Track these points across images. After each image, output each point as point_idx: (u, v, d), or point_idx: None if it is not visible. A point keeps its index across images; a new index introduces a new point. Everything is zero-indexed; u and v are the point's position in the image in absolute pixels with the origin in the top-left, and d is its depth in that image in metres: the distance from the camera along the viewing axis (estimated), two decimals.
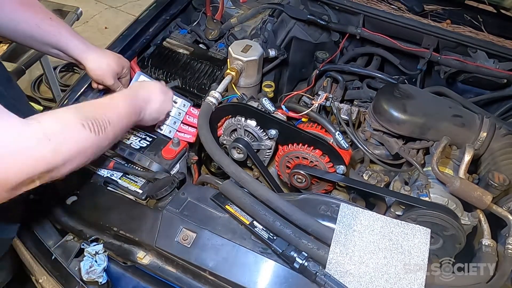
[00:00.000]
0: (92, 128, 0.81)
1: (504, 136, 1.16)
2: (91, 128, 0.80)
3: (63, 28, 1.07)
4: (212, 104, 1.15)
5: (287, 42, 1.59)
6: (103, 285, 0.98)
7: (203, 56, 1.47)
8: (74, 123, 0.78)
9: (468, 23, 1.59)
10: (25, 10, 1.01)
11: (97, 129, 0.82)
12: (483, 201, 0.94)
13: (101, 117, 0.84)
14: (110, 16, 4.03)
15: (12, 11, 1.00)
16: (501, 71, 1.42)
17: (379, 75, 1.51)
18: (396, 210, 1.01)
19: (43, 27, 1.04)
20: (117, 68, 1.15)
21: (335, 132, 1.13)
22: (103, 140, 0.84)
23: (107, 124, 0.85)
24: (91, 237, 1.03)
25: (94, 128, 0.81)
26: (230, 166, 1.00)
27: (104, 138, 0.84)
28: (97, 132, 0.82)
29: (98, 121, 0.83)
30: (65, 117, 0.79)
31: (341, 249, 0.87)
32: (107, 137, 0.86)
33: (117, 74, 1.17)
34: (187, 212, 0.99)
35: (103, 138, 0.84)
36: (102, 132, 0.83)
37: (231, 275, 0.90)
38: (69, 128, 0.77)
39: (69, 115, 0.80)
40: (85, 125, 0.79)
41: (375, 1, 1.63)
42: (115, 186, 1.09)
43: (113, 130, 0.87)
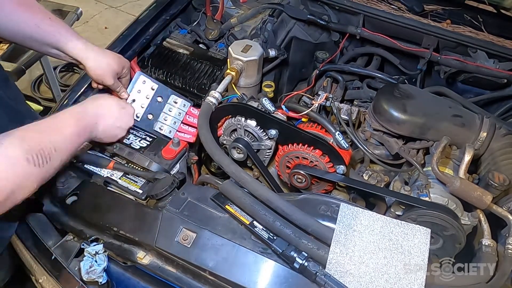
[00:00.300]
0: (37, 161, 0.79)
1: (504, 136, 1.16)
2: (35, 161, 0.79)
3: (62, 28, 1.06)
4: (212, 104, 1.15)
5: (287, 42, 1.59)
6: (103, 285, 0.98)
7: (203, 56, 1.47)
8: (18, 159, 0.77)
9: (468, 23, 1.59)
10: (24, 10, 1.01)
11: (42, 161, 0.80)
12: (483, 201, 0.94)
13: (46, 146, 0.83)
14: (110, 16, 4.03)
15: (11, 11, 0.99)
16: (501, 71, 1.42)
17: (379, 75, 1.51)
18: (396, 210, 1.01)
19: (43, 27, 1.03)
20: (117, 68, 1.14)
21: (335, 132, 1.13)
22: (47, 170, 0.83)
23: (53, 151, 0.83)
24: (91, 237, 1.03)
25: (39, 161, 0.80)
26: (230, 166, 1.00)
27: (49, 167, 0.83)
28: (42, 164, 0.80)
29: (43, 151, 0.81)
30: (9, 153, 0.76)
31: (341, 249, 0.87)
32: (52, 166, 0.84)
33: (117, 74, 1.16)
34: (187, 212, 0.99)
35: (47, 168, 0.83)
36: (47, 163, 0.82)
37: (231, 275, 0.90)
38: (13, 166, 0.76)
39: (14, 150, 0.77)
40: (29, 159, 0.78)
41: (375, 1, 1.63)
42: (115, 186, 1.09)
43: (59, 156, 0.86)
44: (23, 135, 0.81)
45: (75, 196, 1.08)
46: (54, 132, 0.88)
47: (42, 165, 0.81)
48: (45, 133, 0.86)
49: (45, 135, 0.85)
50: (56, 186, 1.08)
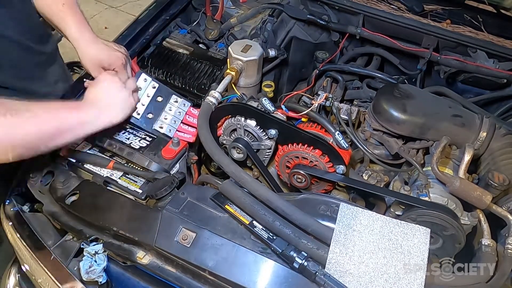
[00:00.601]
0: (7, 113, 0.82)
1: (504, 136, 1.16)
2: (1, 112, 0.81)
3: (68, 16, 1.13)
4: (212, 104, 1.15)
5: (287, 42, 1.59)
6: (103, 285, 0.98)
7: (203, 56, 1.47)
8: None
9: (468, 23, 1.60)
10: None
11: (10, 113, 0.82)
12: (483, 201, 0.94)
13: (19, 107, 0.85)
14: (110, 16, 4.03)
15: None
16: (501, 71, 1.42)
17: (379, 75, 1.50)
18: (396, 210, 1.01)
19: (53, 9, 1.13)
20: (104, 62, 1.15)
21: (335, 132, 1.13)
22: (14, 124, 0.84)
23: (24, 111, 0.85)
24: (91, 236, 1.03)
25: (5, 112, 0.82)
26: (229, 166, 1.00)
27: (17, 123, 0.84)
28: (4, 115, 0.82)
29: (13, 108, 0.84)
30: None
31: (341, 249, 0.87)
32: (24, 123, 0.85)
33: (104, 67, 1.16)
34: (187, 212, 0.99)
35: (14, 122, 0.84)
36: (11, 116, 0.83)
37: (230, 275, 0.90)
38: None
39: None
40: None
41: (375, 1, 1.63)
42: (114, 186, 1.09)
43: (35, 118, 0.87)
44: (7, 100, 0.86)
45: (75, 196, 1.08)
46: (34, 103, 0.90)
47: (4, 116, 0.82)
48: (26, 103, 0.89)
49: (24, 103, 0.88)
50: (56, 186, 1.08)
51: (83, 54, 1.14)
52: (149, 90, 1.23)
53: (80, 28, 1.13)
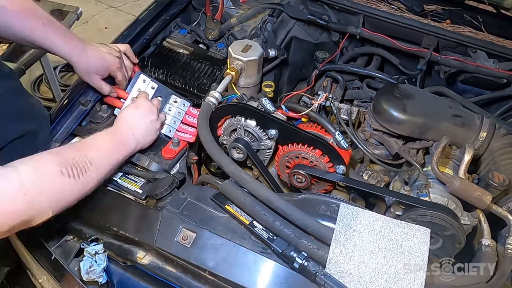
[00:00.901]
0: (72, 173, 0.81)
1: (504, 136, 1.16)
2: (70, 174, 0.81)
3: (52, 34, 1.09)
4: (212, 104, 1.15)
5: (287, 42, 1.59)
6: (103, 285, 0.98)
7: (203, 56, 1.47)
8: (52, 171, 0.78)
9: (468, 23, 1.59)
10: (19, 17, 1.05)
11: (77, 173, 0.82)
12: (483, 201, 0.94)
13: (82, 159, 0.84)
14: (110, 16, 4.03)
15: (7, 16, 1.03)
16: (501, 71, 1.42)
17: (379, 75, 1.50)
18: (396, 210, 1.01)
19: (36, 33, 1.07)
20: (99, 70, 1.16)
21: (335, 132, 1.13)
22: (84, 183, 0.85)
23: (88, 165, 0.85)
24: (91, 237, 1.03)
25: (74, 173, 0.81)
26: (230, 166, 1.00)
27: (86, 180, 0.85)
28: (77, 176, 0.82)
29: (78, 164, 0.83)
30: (43, 166, 0.78)
31: (341, 249, 0.87)
32: (90, 179, 0.86)
33: (101, 75, 1.18)
34: (187, 212, 0.99)
35: (84, 181, 0.84)
36: (82, 175, 0.83)
37: (231, 275, 0.90)
38: (47, 178, 0.77)
39: (48, 163, 0.79)
40: (63, 171, 0.79)
41: (375, 1, 1.63)
42: (115, 186, 1.09)
43: (96, 170, 0.88)
44: (57, 151, 0.86)
45: None
46: (89, 149, 0.90)
47: (77, 177, 0.82)
48: (80, 149, 0.89)
49: (79, 151, 0.87)
50: None
51: (77, 67, 1.15)
52: (148, 91, 1.23)
53: (67, 43, 1.11)
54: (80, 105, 1.25)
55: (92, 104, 1.26)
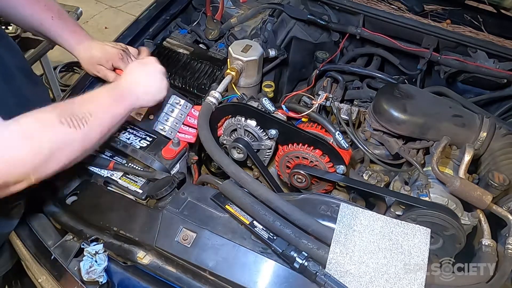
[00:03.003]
0: (71, 123, 0.81)
1: (504, 136, 1.16)
2: (70, 123, 0.80)
3: (61, 28, 1.14)
4: (212, 104, 1.15)
5: (287, 42, 1.59)
6: (103, 285, 0.98)
7: (203, 56, 1.47)
8: (52, 120, 0.79)
9: (468, 23, 1.60)
10: (30, 7, 1.09)
11: (77, 123, 0.82)
12: (483, 201, 0.94)
13: (80, 111, 0.84)
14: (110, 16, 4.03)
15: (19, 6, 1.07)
16: (501, 71, 1.42)
17: (379, 75, 1.50)
18: (396, 210, 1.01)
19: (45, 25, 1.12)
20: (101, 60, 1.19)
21: (335, 132, 1.12)
22: (87, 133, 0.84)
23: (88, 116, 0.84)
24: (91, 237, 1.03)
25: (74, 123, 0.81)
26: (230, 166, 1.00)
27: (88, 131, 0.84)
28: (78, 126, 0.82)
29: (77, 115, 0.83)
30: (43, 116, 0.79)
31: (341, 249, 0.87)
32: (92, 129, 0.86)
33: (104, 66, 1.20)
34: (187, 212, 0.99)
35: (86, 131, 0.84)
36: (83, 125, 0.83)
37: (231, 275, 0.90)
38: (47, 126, 0.78)
39: (47, 114, 0.80)
40: (63, 121, 0.80)
41: (375, 1, 1.63)
42: (115, 186, 1.09)
43: (97, 121, 0.88)
44: (55, 105, 0.85)
45: (75, 196, 1.08)
46: (88, 102, 0.90)
47: (78, 127, 0.81)
48: (79, 103, 0.88)
49: (78, 105, 0.87)
50: (56, 186, 1.08)
51: (83, 59, 1.19)
52: None
53: (75, 38, 1.16)
54: None
55: None
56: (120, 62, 1.20)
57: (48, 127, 0.78)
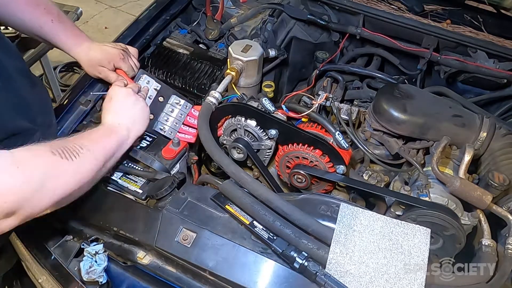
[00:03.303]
0: (63, 154, 0.80)
1: (504, 136, 1.16)
2: (62, 155, 0.80)
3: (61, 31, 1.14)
4: (212, 104, 1.15)
5: (287, 42, 1.59)
6: (103, 285, 0.98)
7: (203, 56, 1.47)
8: (43, 150, 0.78)
9: (468, 23, 1.60)
10: (29, 11, 1.08)
11: (68, 155, 0.81)
12: (483, 201, 0.94)
13: (72, 144, 0.84)
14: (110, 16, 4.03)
15: (18, 10, 1.07)
16: (501, 71, 1.42)
17: (379, 75, 1.50)
18: (396, 210, 1.01)
19: (45, 29, 1.11)
20: (102, 61, 1.19)
21: (335, 132, 1.12)
22: (79, 165, 0.83)
23: (79, 149, 0.84)
24: (91, 237, 1.03)
25: (66, 155, 0.80)
26: (230, 166, 1.00)
27: (80, 163, 0.83)
28: (70, 157, 0.81)
29: (69, 148, 0.82)
30: (34, 147, 0.78)
31: (341, 249, 0.87)
32: (84, 161, 0.85)
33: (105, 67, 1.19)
34: (187, 212, 0.99)
35: (78, 163, 0.83)
36: (75, 157, 0.82)
37: (231, 275, 0.90)
38: (38, 155, 0.77)
39: (39, 146, 0.79)
40: (54, 152, 0.79)
41: (375, 1, 1.63)
42: (115, 186, 1.09)
43: (89, 153, 0.86)
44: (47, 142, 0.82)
45: None
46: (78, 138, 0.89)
47: (70, 159, 0.81)
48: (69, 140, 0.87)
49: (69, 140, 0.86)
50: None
51: (83, 61, 1.19)
52: (151, 92, 1.23)
53: (75, 40, 1.16)
54: (80, 105, 1.25)
55: (92, 104, 1.26)
56: (121, 62, 1.20)
57: (40, 156, 0.77)
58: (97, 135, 0.95)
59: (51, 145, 0.81)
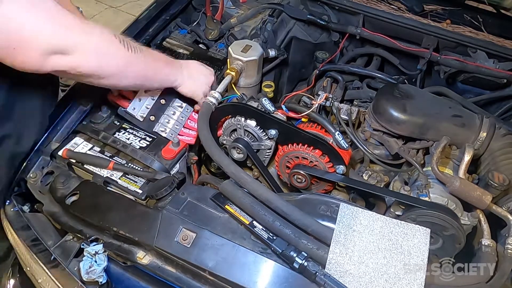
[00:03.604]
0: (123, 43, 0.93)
1: (504, 136, 1.16)
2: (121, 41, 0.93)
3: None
4: (212, 104, 1.15)
5: (287, 42, 1.59)
6: (103, 285, 0.98)
7: (203, 56, 1.47)
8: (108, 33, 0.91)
9: (468, 23, 1.60)
10: None
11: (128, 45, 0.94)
12: (483, 201, 0.94)
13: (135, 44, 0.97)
14: (110, 16, 4.03)
15: None
16: (501, 71, 1.42)
17: (379, 75, 1.50)
18: (396, 210, 1.01)
19: None
20: None
21: (335, 132, 1.13)
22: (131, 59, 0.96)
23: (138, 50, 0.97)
24: (91, 237, 1.03)
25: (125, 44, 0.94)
26: (230, 166, 1.00)
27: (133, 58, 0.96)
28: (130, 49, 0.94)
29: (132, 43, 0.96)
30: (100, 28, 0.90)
31: (341, 249, 0.87)
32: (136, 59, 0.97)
33: None
34: (187, 212, 0.99)
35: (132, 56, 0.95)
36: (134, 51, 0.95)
37: (230, 275, 0.90)
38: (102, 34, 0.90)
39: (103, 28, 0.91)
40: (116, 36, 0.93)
41: (375, 1, 1.63)
42: (114, 186, 1.09)
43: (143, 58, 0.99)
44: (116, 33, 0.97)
45: (75, 196, 1.08)
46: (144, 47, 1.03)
47: (127, 49, 0.94)
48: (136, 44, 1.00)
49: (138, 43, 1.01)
50: (56, 186, 1.08)
51: None
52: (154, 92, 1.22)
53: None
54: (80, 105, 1.25)
55: (92, 104, 1.26)
56: None
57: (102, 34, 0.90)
58: (159, 56, 1.08)
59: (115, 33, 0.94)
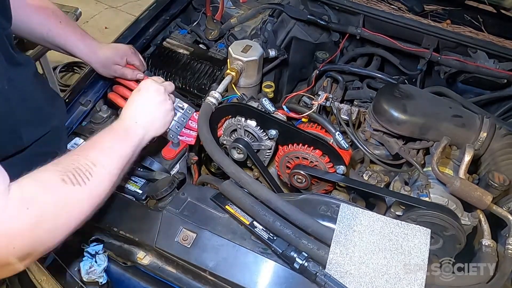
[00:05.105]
0: (75, 179, 0.72)
1: (504, 136, 1.16)
2: (73, 180, 0.71)
3: (70, 33, 1.15)
4: (212, 104, 1.15)
5: (287, 42, 1.59)
6: (103, 285, 0.98)
7: (203, 56, 1.47)
8: (54, 181, 0.70)
9: (468, 23, 1.60)
10: (38, 14, 1.09)
11: (81, 179, 0.73)
12: (483, 201, 0.94)
13: (82, 163, 0.75)
14: (110, 16, 4.03)
15: (26, 15, 1.06)
16: (501, 71, 1.42)
17: (379, 75, 1.50)
18: (396, 210, 1.01)
19: (54, 31, 1.11)
20: (117, 60, 1.21)
21: (335, 132, 1.12)
22: (93, 187, 0.75)
23: (92, 167, 0.75)
24: (91, 237, 1.03)
25: (77, 179, 0.72)
26: (230, 166, 1.00)
27: (95, 184, 0.75)
28: (82, 182, 0.72)
29: (80, 168, 0.73)
30: (44, 177, 0.70)
31: (341, 250, 0.87)
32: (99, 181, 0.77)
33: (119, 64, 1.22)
34: (187, 212, 0.99)
35: (92, 185, 0.74)
36: (88, 179, 0.74)
37: (231, 275, 0.90)
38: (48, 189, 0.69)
39: (48, 173, 0.71)
40: (65, 179, 0.70)
41: (375, 1, 1.63)
42: None
43: (103, 170, 0.78)
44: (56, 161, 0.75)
45: None
46: (89, 150, 0.81)
47: (83, 183, 0.72)
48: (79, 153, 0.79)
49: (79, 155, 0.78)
50: None
51: (96, 62, 1.20)
52: None
53: (85, 42, 1.17)
54: (80, 105, 1.25)
55: (92, 104, 1.26)
56: (133, 56, 1.23)
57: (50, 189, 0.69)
58: (111, 141, 0.86)
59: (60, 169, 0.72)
